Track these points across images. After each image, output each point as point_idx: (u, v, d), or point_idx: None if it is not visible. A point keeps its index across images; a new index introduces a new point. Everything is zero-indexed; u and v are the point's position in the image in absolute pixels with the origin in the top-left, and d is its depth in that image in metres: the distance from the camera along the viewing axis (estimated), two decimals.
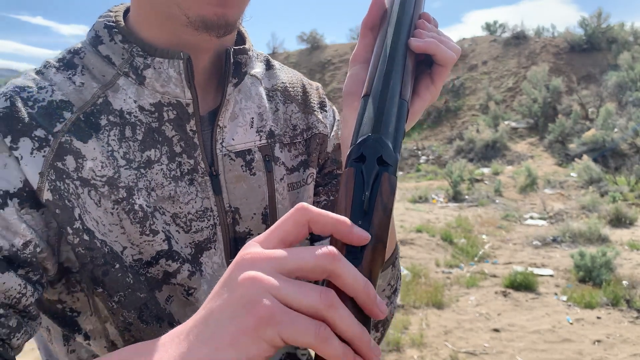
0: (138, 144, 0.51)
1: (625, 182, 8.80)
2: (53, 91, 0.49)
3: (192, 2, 0.46)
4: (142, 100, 0.52)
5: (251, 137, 0.57)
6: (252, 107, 0.58)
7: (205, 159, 0.54)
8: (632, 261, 4.81)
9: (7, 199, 0.45)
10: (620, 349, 3.00)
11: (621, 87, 13.34)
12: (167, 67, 0.50)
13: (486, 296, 3.93)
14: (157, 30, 0.51)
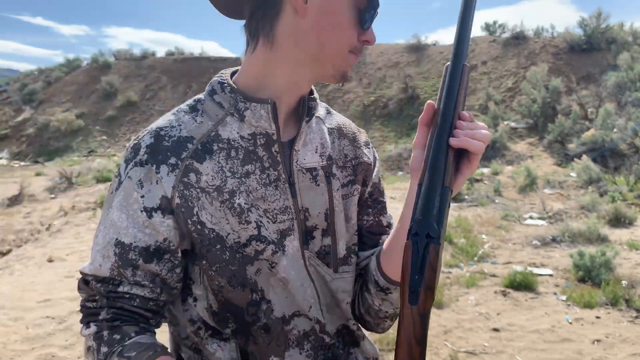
0: (239, 161, 0.73)
1: (624, 182, 8.81)
2: (180, 129, 0.73)
3: (345, 64, 0.75)
4: (242, 132, 0.74)
5: (316, 159, 0.79)
6: (317, 138, 0.81)
7: (285, 172, 0.76)
8: (631, 261, 4.81)
9: (152, 212, 0.70)
10: (620, 348, 3.00)
11: (620, 87, 13.36)
12: (259, 109, 0.73)
13: (486, 296, 3.92)
14: (254, 83, 0.75)
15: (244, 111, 0.73)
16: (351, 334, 0.83)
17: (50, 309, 3.32)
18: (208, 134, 0.73)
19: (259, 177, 0.74)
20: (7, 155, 18.96)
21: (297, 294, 0.76)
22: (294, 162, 0.77)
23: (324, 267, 0.79)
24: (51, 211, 7.80)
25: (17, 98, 22.79)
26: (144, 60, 23.98)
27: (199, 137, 0.73)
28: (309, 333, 0.77)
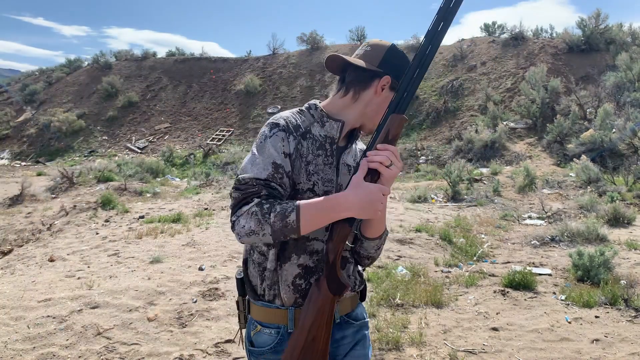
0: (316, 148, 1.25)
1: (623, 182, 8.82)
2: (296, 120, 1.25)
3: (372, 125, 1.28)
4: (322, 133, 1.27)
5: (350, 161, 1.31)
6: (354, 151, 1.34)
7: (335, 162, 1.27)
8: (630, 260, 4.82)
9: (287, 155, 1.19)
10: (619, 348, 3.01)
11: (619, 87, 13.37)
12: (333, 124, 1.27)
13: (485, 295, 3.93)
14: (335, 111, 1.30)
15: (326, 123, 1.28)
16: (344, 259, 1.31)
17: (51, 308, 3.33)
18: (306, 127, 1.26)
19: (323, 159, 1.25)
20: (9, 156, 18.96)
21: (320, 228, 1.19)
22: (342, 160, 1.30)
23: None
24: (52, 211, 7.81)
25: (18, 98, 22.79)
26: (145, 60, 23.99)
27: (304, 127, 1.26)
28: (319, 250, 1.24)
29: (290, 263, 1.21)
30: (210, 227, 6.12)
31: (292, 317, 1.21)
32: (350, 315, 1.31)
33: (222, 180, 11.68)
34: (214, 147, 16.68)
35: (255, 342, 1.25)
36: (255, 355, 1.25)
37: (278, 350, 1.21)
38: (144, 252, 4.86)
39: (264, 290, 1.23)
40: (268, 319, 1.23)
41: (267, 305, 1.23)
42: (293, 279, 1.20)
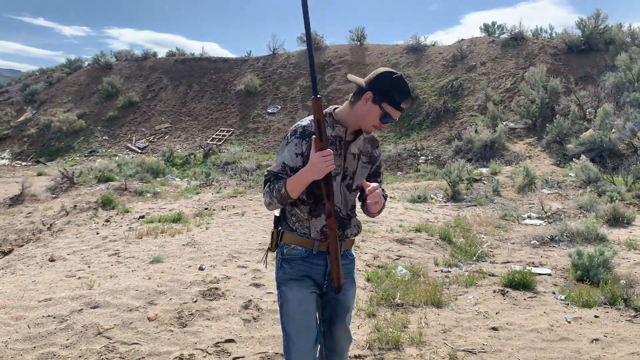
0: (329, 143, 1.78)
1: (622, 182, 8.83)
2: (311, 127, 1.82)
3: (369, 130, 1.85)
4: (332, 133, 1.83)
5: (356, 150, 1.88)
6: (359, 142, 1.88)
7: (343, 152, 1.84)
8: (629, 260, 4.83)
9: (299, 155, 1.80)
10: (618, 347, 3.01)
11: (619, 87, 13.38)
12: (341, 127, 1.84)
13: (485, 295, 3.94)
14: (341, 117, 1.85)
15: (335, 126, 1.83)
16: (349, 217, 1.92)
17: (52, 308, 3.33)
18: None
19: (334, 150, 1.79)
20: (9, 155, 18.97)
21: (337, 197, 1.85)
22: (349, 150, 1.85)
23: (346, 189, 1.89)
24: (53, 211, 7.82)
25: (18, 98, 22.81)
26: (145, 60, 24.00)
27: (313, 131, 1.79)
28: (336, 212, 1.85)
29: (318, 218, 1.84)
30: (210, 227, 6.13)
31: (317, 245, 1.86)
32: (348, 252, 1.98)
33: (222, 180, 11.68)
34: (214, 147, 16.68)
35: (289, 254, 1.88)
36: (288, 261, 1.88)
37: (305, 260, 1.86)
38: (144, 252, 4.87)
39: (298, 228, 1.87)
40: (300, 243, 1.87)
41: (300, 235, 1.87)
42: (321, 228, 1.84)
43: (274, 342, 2.98)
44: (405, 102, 1.76)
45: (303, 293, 1.82)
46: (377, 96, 1.73)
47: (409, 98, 1.77)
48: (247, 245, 5.07)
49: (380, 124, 1.77)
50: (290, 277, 1.85)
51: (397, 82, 1.73)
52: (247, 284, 3.87)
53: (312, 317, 1.83)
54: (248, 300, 3.53)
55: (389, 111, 1.74)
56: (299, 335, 1.78)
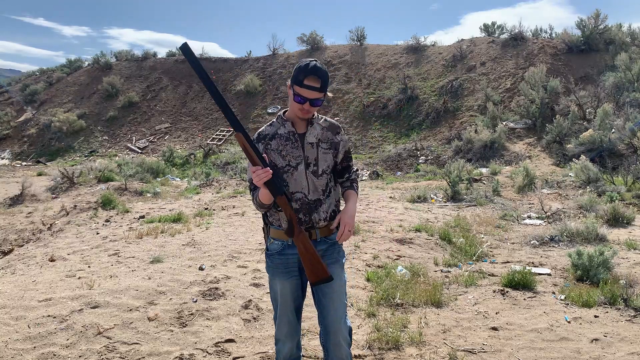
0: (284, 140, 2.08)
1: (622, 182, 8.83)
2: (265, 130, 2.12)
3: (297, 114, 2.04)
4: (285, 131, 2.09)
5: (313, 139, 2.10)
6: (314, 132, 2.11)
7: (300, 143, 2.08)
8: (629, 260, 4.83)
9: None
10: (618, 347, 3.01)
11: (618, 87, 13.38)
12: (289, 123, 2.09)
13: (484, 295, 3.94)
14: (289, 116, 2.12)
15: (285, 123, 2.08)
16: (319, 201, 2.08)
17: (52, 308, 3.33)
18: (273, 132, 2.08)
19: (291, 145, 2.05)
20: (9, 156, 18.96)
21: (300, 184, 2.05)
22: (305, 140, 2.06)
23: (312, 175, 2.06)
24: (53, 211, 7.82)
25: (19, 98, 22.80)
26: (145, 61, 23.99)
27: (270, 133, 2.09)
28: (300, 198, 2.05)
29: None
30: (210, 227, 6.13)
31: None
32: (327, 238, 2.12)
33: (222, 180, 11.68)
34: (214, 147, 16.68)
35: (270, 248, 2.14)
36: (269, 255, 2.14)
37: (281, 254, 2.10)
38: (144, 252, 4.87)
39: (274, 221, 2.10)
40: (277, 236, 2.10)
41: (276, 228, 2.09)
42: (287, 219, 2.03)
43: (273, 342, 2.98)
44: (308, 79, 1.91)
45: (283, 284, 2.11)
46: (291, 83, 1.98)
47: (312, 75, 1.91)
48: (247, 245, 5.07)
49: (301, 106, 1.96)
50: (272, 270, 2.14)
51: (301, 65, 1.94)
52: (247, 284, 3.87)
53: (289, 301, 2.14)
54: (248, 300, 3.53)
55: (297, 91, 1.94)
56: (280, 320, 2.17)
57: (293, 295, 2.14)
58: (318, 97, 1.95)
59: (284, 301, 2.13)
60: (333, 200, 2.14)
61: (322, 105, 2.10)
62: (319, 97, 1.96)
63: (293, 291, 2.13)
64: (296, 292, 2.15)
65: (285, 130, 2.06)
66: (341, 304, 2.13)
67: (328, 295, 2.10)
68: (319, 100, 1.97)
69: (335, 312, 2.10)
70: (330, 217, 2.10)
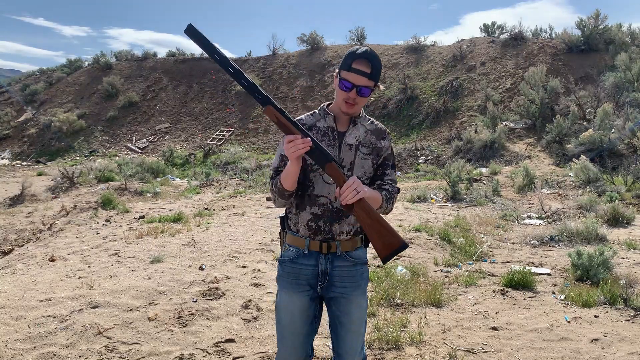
0: (321, 135, 1.82)
1: (622, 182, 8.83)
2: (304, 118, 1.87)
3: (341, 106, 1.79)
4: (325, 125, 1.84)
5: (354, 141, 1.82)
6: (356, 132, 1.84)
7: (338, 143, 1.81)
8: (629, 260, 4.83)
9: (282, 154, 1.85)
10: (618, 347, 3.01)
11: (618, 87, 13.38)
12: (330, 117, 1.84)
13: (484, 295, 3.94)
14: (332, 109, 1.86)
15: (327, 117, 1.84)
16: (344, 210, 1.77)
17: (52, 308, 3.33)
18: (312, 123, 1.84)
19: (327, 142, 1.80)
20: (9, 155, 18.97)
21: (327, 187, 1.79)
22: (344, 141, 1.81)
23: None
24: (53, 211, 7.82)
25: (19, 98, 22.80)
26: (145, 61, 23.99)
27: (310, 123, 1.84)
28: (324, 203, 1.79)
29: (305, 211, 1.81)
30: (210, 226, 6.13)
31: (308, 244, 1.82)
32: (349, 253, 1.84)
33: (222, 180, 11.68)
34: (214, 147, 16.68)
35: (283, 255, 1.89)
36: (281, 262, 1.89)
37: (294, 262, 1.84)
38: (144, 252, 4.87)
39: (291, 226, 1.86)
40: (293, 242, 1.86)
41: (293, 234, 1.86)
42: (307, 222, 1.80)
43: (273, 342, 2.98)
44: (357, 63, 1.69)
45: (291, 297, 1.81)
46: (338, 70, 1.76)
47: (362, 59, 1.70)
48: (247, 245, 5.07)
49: (347, 95, 1.72)
50: (282, 279, 1.85)
51: (352, 50, 1.74)
52: (247, 284, 3.87)
53: (297, 321, 1.81)
54: (248, 300, 3.53)
55: (343, 76, 1.71)
56: (283, 339, 1.83)
57: (302, 314, 1.80)
58: (367, 85, 1.71)
59: (289, 320, 1.80)
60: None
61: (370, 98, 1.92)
62: (368, 86, 1.72)
63: (302, 309, 1.80)
64: (306, 312, 1.81)
65: (325, 124, 1.81)
66: (359, 335, 1.85)
67: (346, 325, 1.82)
68: (368, 89, 1.72)
69: (352, 344, 1.84)
70: (354, 232, 1.82)
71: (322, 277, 1.81)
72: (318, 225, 1.78)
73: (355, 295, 1.82)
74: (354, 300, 1.82)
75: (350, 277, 1.82)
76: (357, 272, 1.84)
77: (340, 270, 1.81)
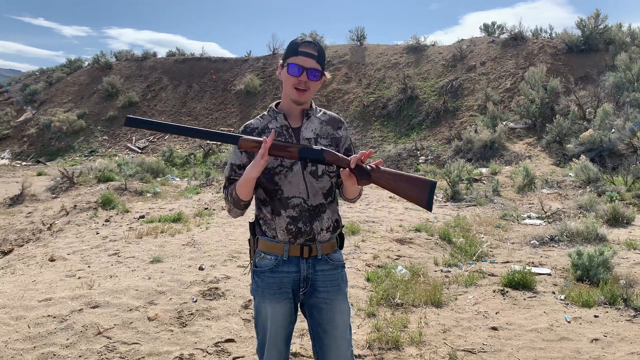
0: (277, 135, 1.74)
1: (622, 181, 8.83)
2: (253, 123, 1.82)
3: (292, 94, 1.73)
4: (277, 124, 1.78)
5: (311, 134, 1.79)
6: (312, 126, 1.81)
7: (295, 139, 1.76)
8: (629, 260, 4.83)
9: (242, 153, 1.77)
10: (618, 347, 3.02)
11: (618, 87, 13.37)
12: (280, 116, 1.79)
13: (484, 295, 3.94)
14: (281, 107, 1.82)
15: (277, 116, 1.79)
16: (322, 206, 1.77)
17: (52, 307, 3.33)
18: (263, 125, 1.79)
19: (283, 141, 1.72)
20: (9, 155, 18.96)
21: (296, 187, 1.73)
22: (301, 136, 1.77)
23: (311, 177, 1.75)
24: (53, 211, 7.82)
25: (19, 98, 22.79)
26: (145, 60, 23.98)
27: (259, 127, 1.79)
28: (298, 204, 1.73)
29: (281, 216, 1.73)
30: (210, 226, 6.13)
31: (287, 249, 1.75)
32: (329, 256, 1.81)
33: (222, 180, 11.67)
34: (214, 147, 16.68)
35: (259, 264, 1.78)
36: (258, 273, 1.79)
37: (274, 271, 1.75)
38: (144, 252, 4.87)
39: (266, 231, 1.77)
40: (269, 249, 1.76)
41: (270, 240, 1.76)
42: (285, 226, 1.73)
43: None
44: (303, 46, 1.68)
45: (275, 308, 1.75)
46: (283, 61, 1.73)
47: (305, 42, 1.69)
48: (247, 245, 5.06)
49: (297, 79, 1.67)
50: (262, 291, 1.77)
51: (293, 40, 1.73)
52: (247, 284, 3.87)
53: (283, 330, 1.77)
54: (248, 300, 3.53)
55: (291, 61, 1.68)
56: (269, 348, 1.78)
57: (286, 321, 1.77)
58: (316, 68, 1.68)
59: (276, 329, 1.76)
60: (335, 207, 1.84)
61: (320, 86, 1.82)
62: (317, 68, 1.69)
63: (286, 316, 1.77)
64: (289, 318, 1.78)
65: (277, 124, 1.76)
66: (346, 341, 1.79)
67: (329, 333, 1.77)
68: (317, 71, 1.69)
69: (340, 351, 1.78)
70: (333, 227, 1.80)
71: (304, 283, 1.76)
72: (298, 227, 1.72)
73: (338, 300, 1.79)
74: (337, 305, 1.78)
75: (332, 281, 1.79)
76: (338, 275, 1.81)
77: (323, 275, 1.78)
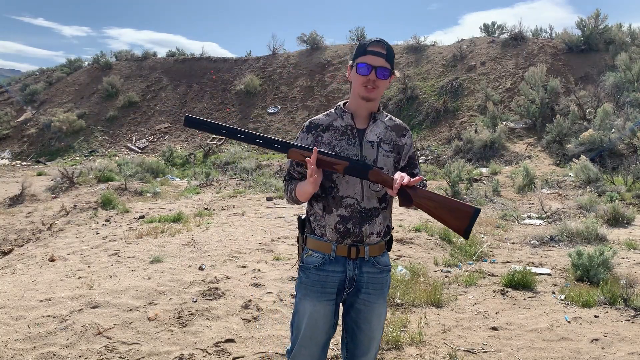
0: (339, 134, 1.79)
1: (622, 181, 8.83)
2: (319, 119, 1.84)
3: (361, 92, 1.76)
4: (342, 123, 1.81)
5: (375, 138, 1.80)
6: (377, 129, 1.82)
7: (358, 140, 1.78)
8: (629, 260, 4.83)
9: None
10: (618, 347, 3.02)
11: (618, 87, 13.37)
12: (348, 116, 1.81)
13: (484, 295, 3.94)
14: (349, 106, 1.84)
15: (344, 115, 1.80)
16: (375, 210, 1.77)
17: (52, 308, 3.33)
18: (328, 123, 1.81)
19: (346, 141, 1.78)
20: (9, 155, 18.96)
21: (352, 188, 1.75)
22: (364, 138, 1.78)
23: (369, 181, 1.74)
24: (53, 211, 7.82)
25: (18, 98, 22.80)
26: (145, 60, 23.99)
27: (325, 124, 1.81)
28: (351, 204, 1.75)
29: (332, 214, 1.75)
30: (210, 226, 6.13)
31: (335, 248, 1.75)
32: (376, 259, 1.80)
33: (222, 180, 11.68)
34: (214, 147, 16.68)
35: (306, 261, 1.80)
36: (304, 269, 1.81)
37: (320, 269, 1.77)
38: (144, 252, 4.87)
39: (316, 228, 1.78)
40: (317, 247, 1.78)
41: (318, 239, 1.78)
42: (334, 224, 1.74)
43: (273, 342, 2.98)
44: (371, 46, 1.71)
45: (316, 306, 1.74)
46: (352, 60, 1.78)
47: (376, 42, 1.71)
48: (247, 245, 5.07)
49: (366, 77, 1.71)
50: (306, 287, 1.77)
51: (362, 41, 1.78)
52: (247, 284, 3.87)
53: (320, 331, 1.76)
54: (248, 300, 3.53)
55: (360, 60, 1.71)
56: (301, 348, 1.77)
57: (326, 324, 1.76)
58: (385, 66, 1.70)
59: (312, 329, 1.74)
60: (389, 213, 1.83)
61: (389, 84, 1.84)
62: (386, 67, 1.71)
63: (327, 319, 1.75)
64: (330, 321, 1.77)
65: (342, 123, 1.78)
66: (376, 342, 1.84)
67: (364, 331, 1.80)
68: (386, 70, 1.71)
69: (368, 349, 1.83)
70: (385, 233, 1.79)
71: (349, 283, 1.77)
72: (347, 227, 1.72)
73: (378, 304, 1.79)
74: (376, 309, 1.79)
75: (376, 284, 1.79)
76: (382, 279, 1.81)
77: (368, 277, 1.78)
